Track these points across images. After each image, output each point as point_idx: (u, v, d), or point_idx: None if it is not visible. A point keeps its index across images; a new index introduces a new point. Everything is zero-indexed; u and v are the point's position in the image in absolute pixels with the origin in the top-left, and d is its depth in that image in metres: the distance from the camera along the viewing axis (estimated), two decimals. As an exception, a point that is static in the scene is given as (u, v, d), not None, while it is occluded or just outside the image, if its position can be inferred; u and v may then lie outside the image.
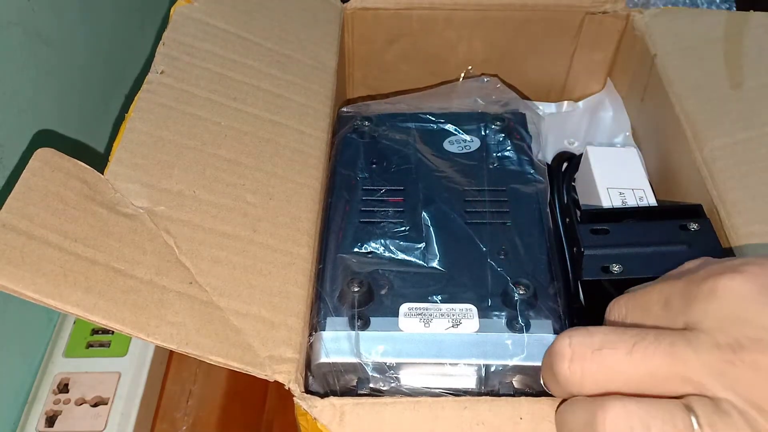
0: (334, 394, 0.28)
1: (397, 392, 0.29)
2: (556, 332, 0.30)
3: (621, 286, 0.29)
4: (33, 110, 0.39)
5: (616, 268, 0.32)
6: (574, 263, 0.35)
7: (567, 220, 0.39)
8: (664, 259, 0.31)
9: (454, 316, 0.30)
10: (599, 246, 0.33)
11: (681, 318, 0.22)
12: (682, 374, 0.20)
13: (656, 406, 0.21)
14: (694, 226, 0.33)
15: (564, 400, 0.24)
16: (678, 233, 0.33)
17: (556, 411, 0.25)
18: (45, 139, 0.40)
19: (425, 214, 0.35)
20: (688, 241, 0.33)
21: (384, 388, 0.29)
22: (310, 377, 0.29)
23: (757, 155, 0.34)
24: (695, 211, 0.34)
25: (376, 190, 0.37)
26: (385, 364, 0.29)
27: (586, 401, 0.22)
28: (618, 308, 0.25)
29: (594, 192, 0.38)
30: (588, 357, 0.22)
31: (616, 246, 0.33)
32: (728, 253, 0.32)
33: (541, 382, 0.29)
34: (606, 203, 0.37)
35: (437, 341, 0.30)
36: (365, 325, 0.30)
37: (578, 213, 0.39)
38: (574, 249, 0.35)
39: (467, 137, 0.40)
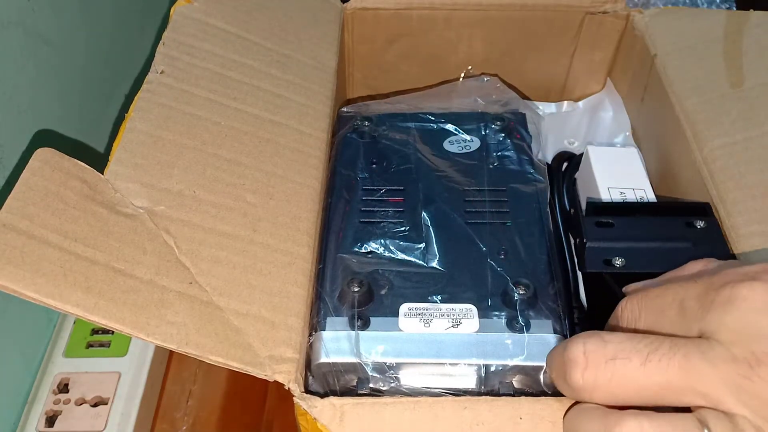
0: (334, 394, 0.28)
1: (397, 392, 0.29)
2: (556, 332, 0.30)
3: (623, 280, 0.29)
4: (33, 110, 0.39)
5: (618, 262, 0.32)
6: (577, 255, 0.35)
7: (572, 210, 0.39)
8: (668, 256, 0.31)
9: (454, 316, 0.30)
10: (603, 239, 0.33)
11: (696, 325, 0.21)
12: (696, 388, 0.20)
13: (671, 423, 0.20)
14: (700, 224, 0.33)
15: (575, 403, 0.24)
16: (684, 230, 0.33)
17: (564, 414, 0.25)
18: (45, 139, 0.40)
19: (425, 214, 0.35)
20: (694, 238, 0.32)
21: (384, 388, 0.29)
22: (310, 377, 0.29)
23: (757, 155, 0.34)
24: (703, 209, 0.34)
25: (376, 190, 0.37)
26: (385, 364, 0.29)
27: (599, 412, 0.22)
28: (631, 308, 0.24)
29: (594, 191, 0.38)
30: (602, 366, 0.22)
31: (620, 239, 0.33)
32: (733, 254, 0.32)
33: (541, 379, 0.29)
34: None
35: (437, 341, 0.30)
36: (365, 325, 0.30)
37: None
38: (578, 240, 0.35)
39: (467, 137, 0.40)
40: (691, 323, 0.21)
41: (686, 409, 0.21)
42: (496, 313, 0.31)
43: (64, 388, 0.39)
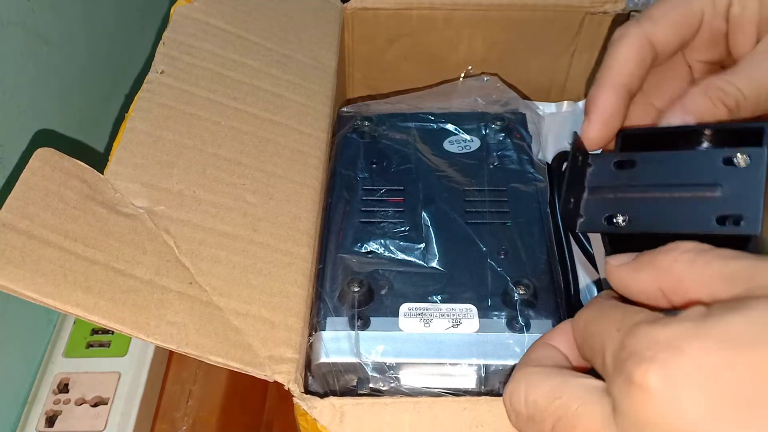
0: (334, 394, 0.28)
1: (397, 392, 0.29)
2: (556, 332, 0.30)
3: (623, 242, 0.25)
4: (33, 110, 0.39)
5: (621, 219, 0.27)
6: (570, 214, 0.29)
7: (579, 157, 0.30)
8: (683, 211, 0.26)
9: (454, 316, 0.30)
10: (609, 187, 0.27)
11: (609, 385, 0.21)
12: None
13: None
14: (741, 161, 0.25)
15: None
16: (717, 170, 0.26)
17: None
18: (45, 139, 0.40)
19: (425, 214, 0.35)
20: (725, 182, 0.25)
21: (384, 388, 0.29)
22: (310, 377, 0.29)
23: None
24: (756, 136, 0.26)
25: (376, 190, 0.37)
26: (385, 364, 0.29)
27: None
28: (578, 328, 0.24)
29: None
30: (522, 419, 0.23)
31: (630, 188, 0.27)
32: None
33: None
34: None
35: (437, 341, 0.30)
36: (365, 325, 0.30)
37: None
38: (572, 199, 0.28)
39: (467, 137, 0.40)
40: (607, 381, 0.21)
41: None
42: (496, 313, 0.31)
43: (64, 388, 0.39)
